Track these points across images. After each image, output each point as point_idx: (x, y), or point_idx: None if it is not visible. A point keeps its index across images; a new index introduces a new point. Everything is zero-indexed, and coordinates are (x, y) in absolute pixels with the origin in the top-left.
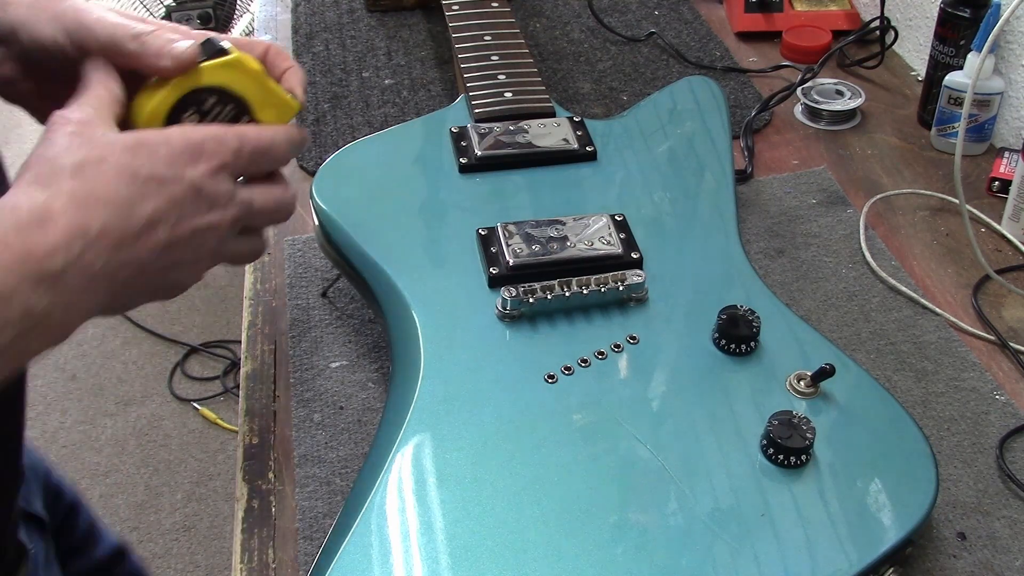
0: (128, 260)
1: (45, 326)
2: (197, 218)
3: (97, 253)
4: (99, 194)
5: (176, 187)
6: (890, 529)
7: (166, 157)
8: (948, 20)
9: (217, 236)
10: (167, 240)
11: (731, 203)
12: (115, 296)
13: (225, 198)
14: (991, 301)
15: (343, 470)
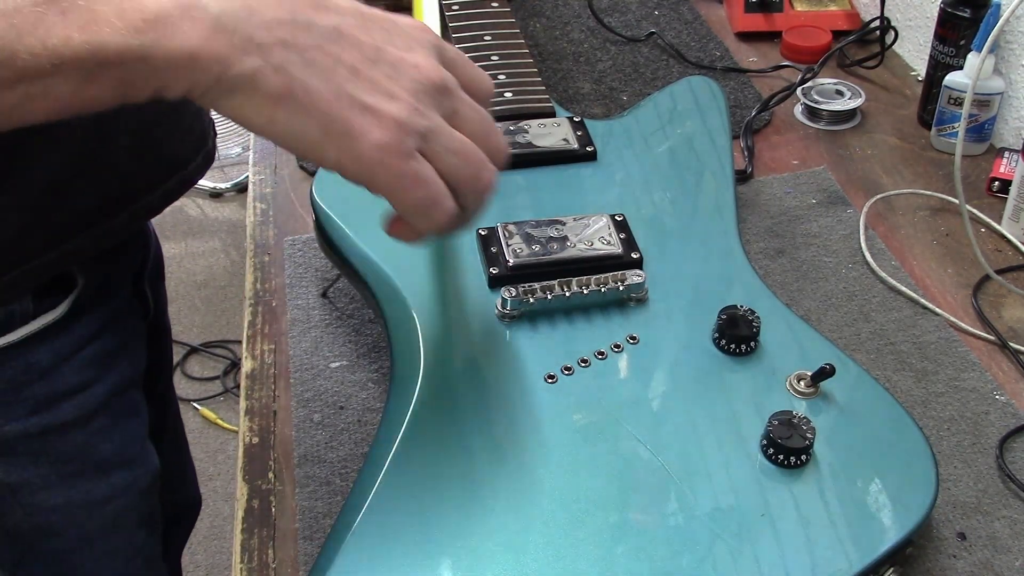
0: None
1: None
2: (387, 40)
3: None
4: None
5: (375, 12)
6: (890, 529)
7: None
8: (948, 20)
9: (417, 78)
10: (339, 26)
11: (731, 203)
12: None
13: (426, 50)
14: (991, 301)
15: (343, 470)
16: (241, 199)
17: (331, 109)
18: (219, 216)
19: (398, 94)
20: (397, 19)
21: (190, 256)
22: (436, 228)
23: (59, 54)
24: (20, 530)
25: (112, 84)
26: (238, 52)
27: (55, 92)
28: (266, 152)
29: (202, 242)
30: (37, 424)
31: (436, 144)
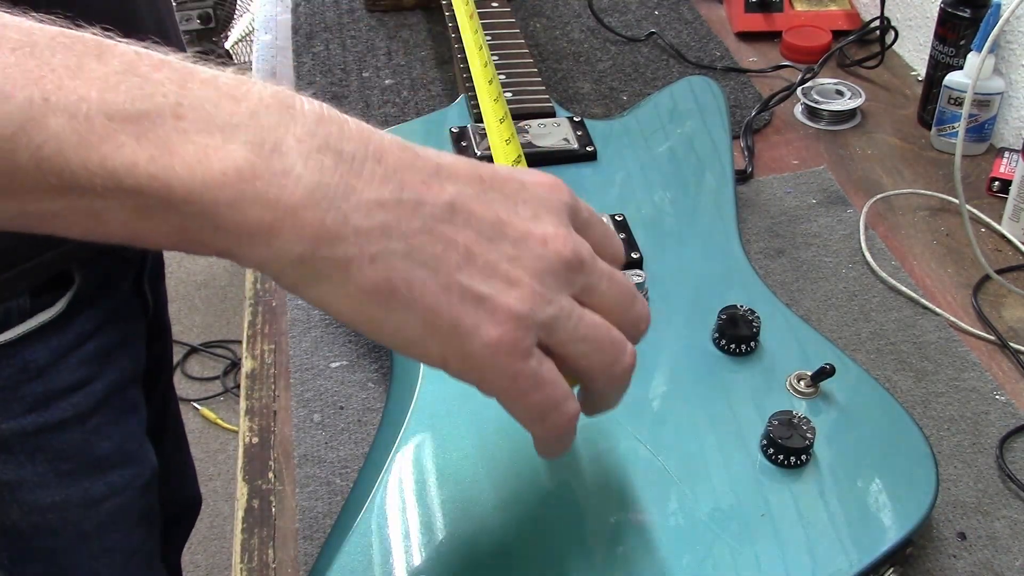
0: (392, 179)
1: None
2: (510, 210)
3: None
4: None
5: (499, 173)
6: (890, 529)
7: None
8: (948, 20)
9: (544, 256)
10: (454, 201)
11: (731, 203)
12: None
13: (555, 215)
14: (991, 301)
15: (343, 470)
16: None
17: (437, 304)
18: None
19: (519, 278)
20: (524, 178)
21: (190, 256)
22: (555, 433)
23: (117, 179)
24: (17, 528)
25: (170, 230)
26: (329, 235)
27: (104, 216)
28: None
29: None
30: (34, 422)
31: (562, 333)
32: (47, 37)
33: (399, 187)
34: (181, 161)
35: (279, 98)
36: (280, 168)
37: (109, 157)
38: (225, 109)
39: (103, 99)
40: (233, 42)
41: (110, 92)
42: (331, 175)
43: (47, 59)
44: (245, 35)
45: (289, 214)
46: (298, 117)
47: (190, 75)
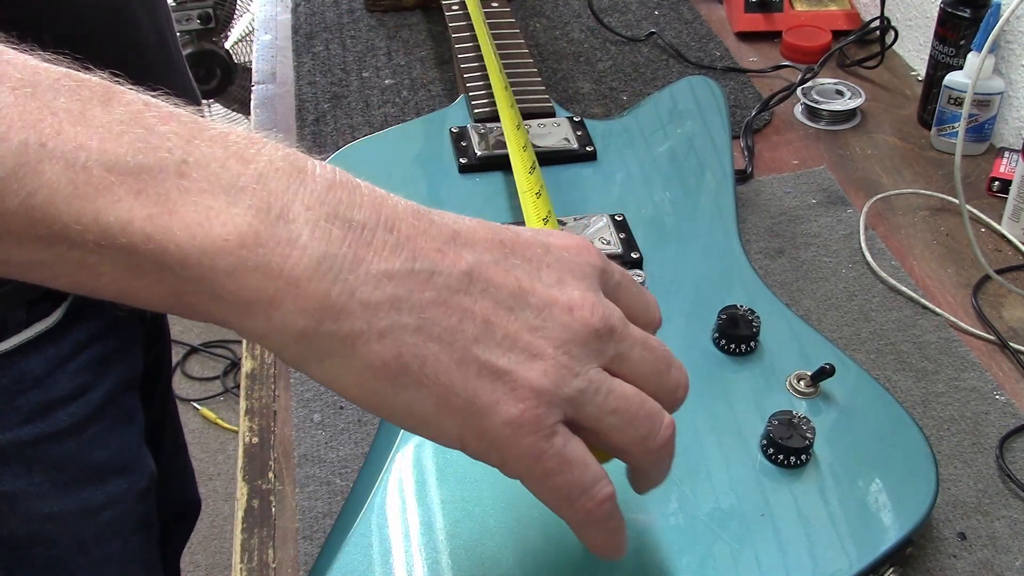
0: (409, 245)
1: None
2: (533, 276)
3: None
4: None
5: (521, 236)
6: (890, 529)
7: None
8: (948, 20)
9: (570, 325)
10: (472, 268)
11: (731, 203)
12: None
13: (582, 279)
14: (991, 301)
15: (343, 470)
16: None
17: (452, 380)
18: None
19: (542, 350)
20: (549, 241)
21: None
22: (590, 519)
23: (111, 235)
24: (15, 537)
25: (164, 292)
26: (334, 309)
27: (94, 271)
28: None
29: None
30: (31, 433)
31: (591, 407)
32: (51, 78)
33: (411, 256)
34: (180, 222)
35: (290, 161)
36: (285, 236)
37: (104, 211)
38: (232, 170)
39: (103, 149)
40: (233, 42)
41: (111, 142)
42: (339, 245)
43: (49, 101)
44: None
45: (292, 286)
46: (308, 182)
47: (198, 130)
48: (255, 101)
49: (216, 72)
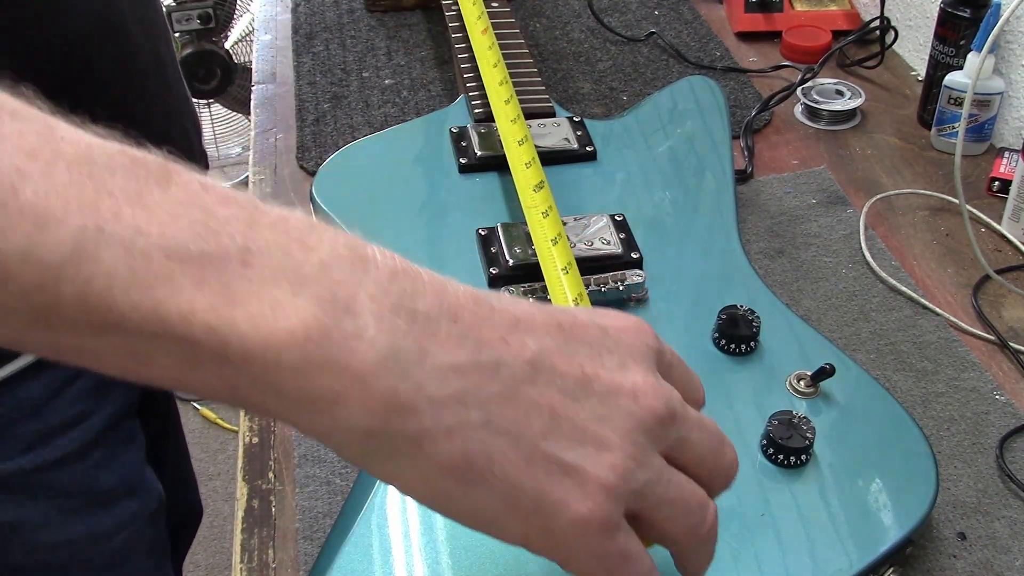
0: (470, 336)
1: None
2: (595, 361)
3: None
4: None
5: (578, 319)
6: (890, 529)
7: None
8: (948, 20)
9: (635, 412)
10: (536, 357)
11: (731, 203)
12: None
13: (641, 363)
14: (991, 301)
15: (343, 470)
16: None
17: (520, 478)
18: None
19: (610, 441)
20: (605, 323)
21: None
22: None
23: (169, 325)
24: (23, 567)
25: (221, 385)
26: (401, 407)
27: (149, 360)
28: (266, 152)
29: None
30: (32, 461)
31: (652, 497)
32: (106, 155)
33: (476, 348)
34: (244, 314)
35: (352, 248)
36: (352, 330)
37: (164, 302)
38: (295, 258)
39: (164, 234)
40: (233, 42)
41: (172, 226)
42: (404, 337)
43: (105, 181)
44: (245, 35)
45: (359, 382)
46: (372, 271)
47: (258, 215)
48: (255, 101)
49: (216, 72)
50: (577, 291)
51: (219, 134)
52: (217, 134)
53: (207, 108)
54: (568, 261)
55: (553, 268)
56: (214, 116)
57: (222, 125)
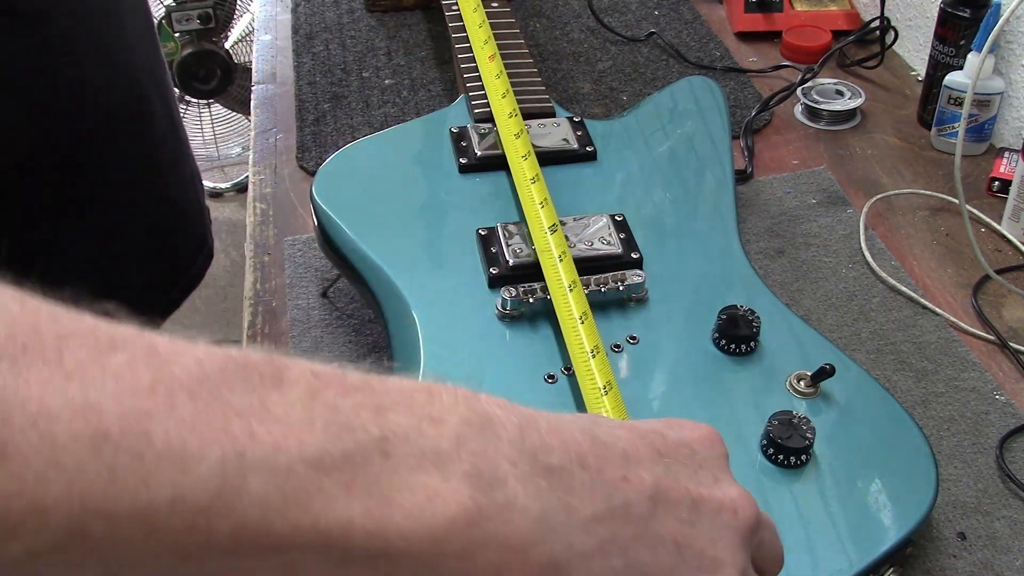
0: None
1: None
2: (696, 481)
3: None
4: None
5: (667, 438)
6: (890, 529)
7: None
8: (948, 20)
9: (736, 526)
10: (652, 491)
11: (731, 203)
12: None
13: (727, 472)
14: (991, 301)
15: None
16: (241, 199)
17: None
18: (219, 216)
19: (723, 560)
20: (686, 436)
21: None
22: None
23: (329, 538)
24: None
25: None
26: (556, 569)
27: (298, 568)
28: (266, 152)
29: None
30: None
31: None
32: (217, 368)
33: (608, 493)
34: (401, 510)
35: (475, 410)
36: (503, 500)
37: (321, 517)
38: (429, 436)
39: (302, 444)
40: (233, 42)
41: (306, 434)
42: (549, 498)
43: (228, 399)
44: (245, 35)
45: (519, 553)
46: (501, 432)
47: (379, 396)
48: (255, 101)
49: (216, 72)
50: (594, 343)
51: (219, 134)
52: (217, 134)
53: (207, 108)
54: (584, 311)
55: (569, 316)
56: (214, 116)
57: (222, 125)
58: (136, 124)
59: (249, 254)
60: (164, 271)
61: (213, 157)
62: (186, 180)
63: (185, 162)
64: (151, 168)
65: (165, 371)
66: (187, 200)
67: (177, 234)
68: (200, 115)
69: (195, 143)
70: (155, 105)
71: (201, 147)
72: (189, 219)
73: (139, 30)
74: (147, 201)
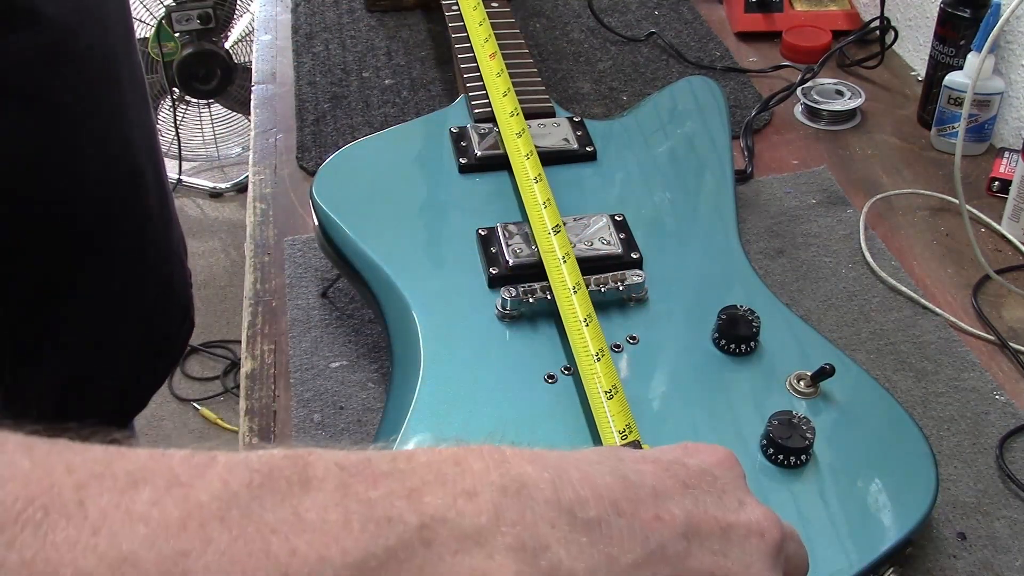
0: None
1: None
2: (721, 508)
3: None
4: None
5: (689, 468)
6: (890, 529)
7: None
8: (948, 20)
9: (764, 550)
10: (683, 527)
11: (731, 203)
12: None
13: (749, 494)
14: (991, 301)
15: None
16: (241, 199)
17: None
18: (219, 216)
19: None
20: (706, 462)
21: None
22: None
23: None
24: None
25: None
26: None
27: None
28: (266, 152)
29: (202, 242)
30: None
31: None
32: (243, 485)
33: (644, 537)
34: None
35: (508, 475)
36: (548, 567)
37: None
38: (467, 513)
39: (343, 550)
40: (233, 42)
41: (345, 538)
42: (591, 553)
43: (259, 516)
44: (245, 35)
45: None
46: (536, 494)
47: (407, 477)
48: (255, 101)
49: (216, 72)
50: (599, 346)
51: (219, 134)
52: (217, 134)
53: (207, 108)
54: (588, 312)
55: (574, 318)
56: (214, 116)
57: (222, 125)
58: (129, 200)
59: (249, 254)
60: (150, 350)
61: (213, 157)
62: (173, 248)
63: (172, 228)
64: (141, 246)
65: (192, 500)
66: (173, 270)
67: (163, 311)
68: (200, 115)
69: (195, 143)
70: (148, 177)
71: (201, 147)
72: (175, 291)
73: (136, 101)
74: (136, 281)
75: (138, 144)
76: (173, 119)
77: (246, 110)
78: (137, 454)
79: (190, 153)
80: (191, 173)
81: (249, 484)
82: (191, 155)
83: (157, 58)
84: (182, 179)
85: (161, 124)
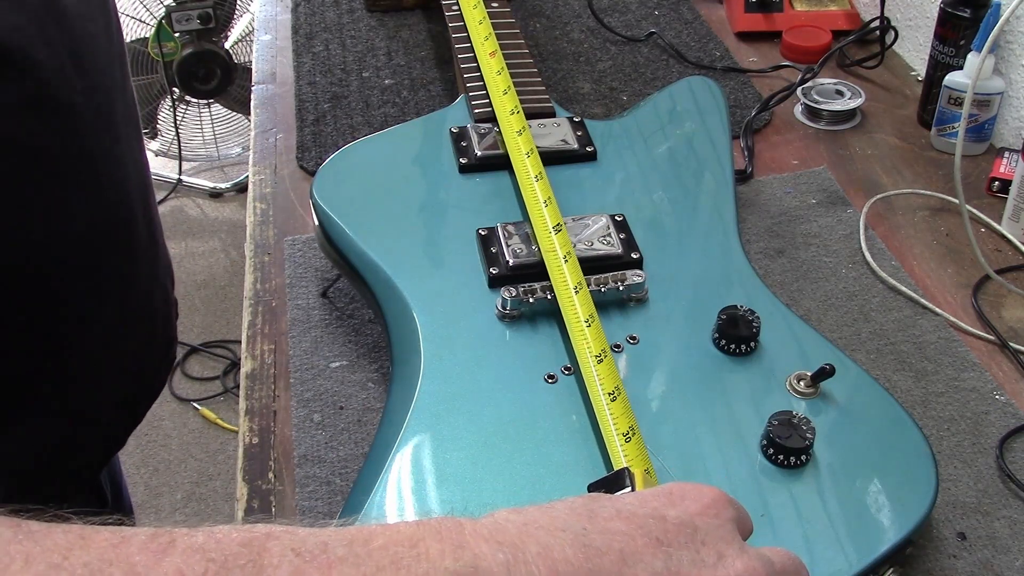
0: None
1: None
2: (698, 564)
3: None
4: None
5: (667, 521)
6: (890, 529)
7: (651, 496)
8: (948, 20)
9: None
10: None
11: (731, 203)
12: None
13: (732, 543)
14: (991, 301)
15: (343, 470)
16: (241, 199)
17: None
18: (219, 216)
19: None
20: (688, 512)
21: (190, 256)
22: None
23: None
24: None
25: None
26: None
27: None
28: (266, 152)
29: (202, 242)
30: None
31: None
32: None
33: None
34: None
35: (462, 560)
36: None
37: None
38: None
39: None
40: (233, 42)
41: None
42: None
43: None
44: (245, 35)
45: None
46: None
47: (363, 561)
48: (255, 101)
49: (216, 72)
50: (600, 347)
51: (219, 134)
52: (217, 134)
53: (207, 108)
54: (590, 312)
55: (576, 319)
56: (214, 116)
57: (222, 125)
58: (118, 248)
59: (249, 254)
60: (131, 390)
61: (213, 157)
62: (159, 281)
63: (158, 260)
64: (129, 292)
65: None
66: (158, 307)
67: (146, 351)
68: (200, 115)
69: (195, 143)
70: (139, 223)
71: (201, 147)
72: (158, 327)
73: (129, 134)
74: (122, 326)
75: (132, 185)
76: (173, 119)
77: (246, 110)
78: (97, 540)
79: (190, 153)
80: (191, 173)
81: (204, 575)
82: (191, 155)
83: (157, 58)
84: (182, 179)
85: (161, 124)
